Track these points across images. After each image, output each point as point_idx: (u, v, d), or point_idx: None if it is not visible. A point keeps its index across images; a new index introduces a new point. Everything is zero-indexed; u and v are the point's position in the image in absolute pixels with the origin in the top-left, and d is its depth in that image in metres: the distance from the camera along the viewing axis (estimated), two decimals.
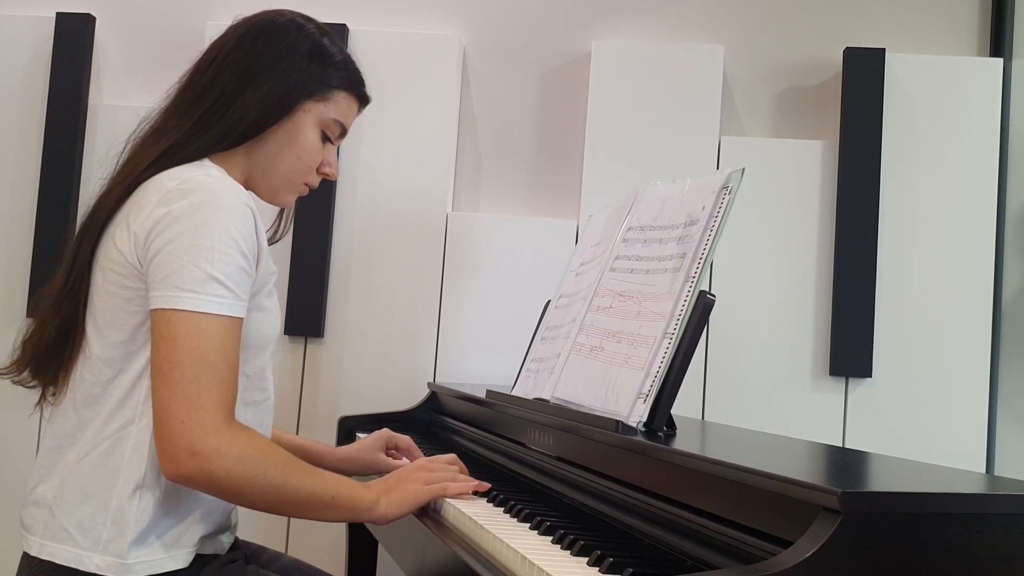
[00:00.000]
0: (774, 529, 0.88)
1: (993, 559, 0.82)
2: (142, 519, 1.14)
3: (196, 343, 1.10)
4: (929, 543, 0.81)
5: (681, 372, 1.24)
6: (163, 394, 1.09)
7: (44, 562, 1.15)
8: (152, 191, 1.17)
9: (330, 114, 1.32)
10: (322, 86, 1.31)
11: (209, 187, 1.15)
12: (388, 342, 2.41)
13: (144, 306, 1.15)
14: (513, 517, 1.21)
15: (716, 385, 2.35)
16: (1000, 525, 0.83)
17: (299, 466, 1.17)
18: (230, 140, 1.26)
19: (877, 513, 0.80)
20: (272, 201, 1.36)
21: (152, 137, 1.26)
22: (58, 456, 1.19)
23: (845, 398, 2.34)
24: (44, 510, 1.18)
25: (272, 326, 1.28)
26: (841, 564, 0.78)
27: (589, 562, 0.97)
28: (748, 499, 0.93)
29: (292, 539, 2.39)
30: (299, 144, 1.30)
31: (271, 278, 1.27)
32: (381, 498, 1.23)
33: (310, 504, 1.17)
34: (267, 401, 1.31)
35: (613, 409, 1.30)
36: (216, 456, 1.08)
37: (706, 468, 0.99)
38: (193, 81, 1.28)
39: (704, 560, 0.97)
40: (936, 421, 2.30)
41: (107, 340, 1.18)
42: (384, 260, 2.43)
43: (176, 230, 1.13)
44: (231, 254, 1.13)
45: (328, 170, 1.36)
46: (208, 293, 1.11)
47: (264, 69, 1.26)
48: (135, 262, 1.15)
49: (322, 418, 2.39)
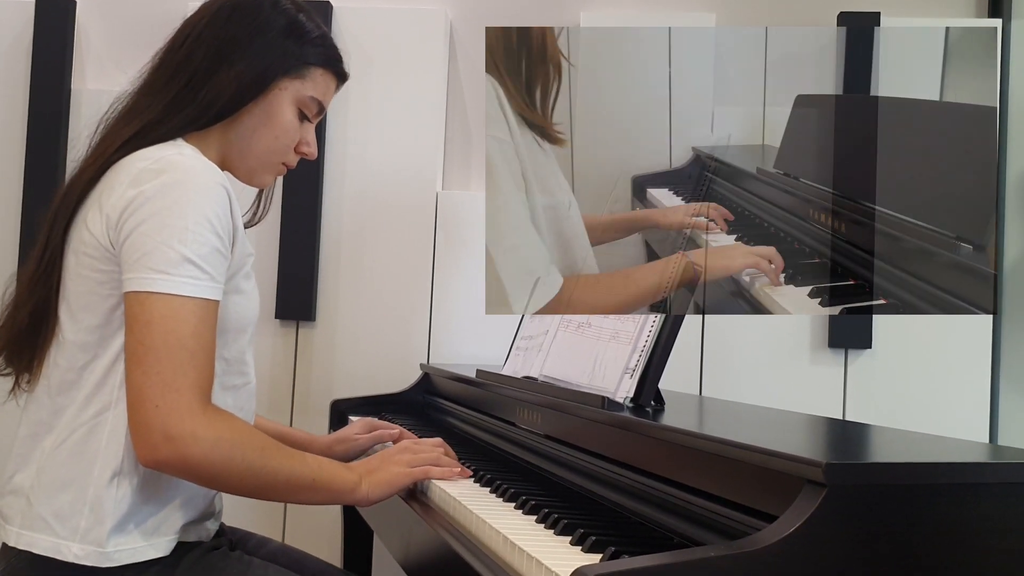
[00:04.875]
0: (761, 504, 0.86)
1: (986, 531, 0.80)
2: (120, 507, 1.12)
3: (171, 326, 1.07)
4: (919, 516, 0.78)
5: (668, 345, 1.22)
6: (137, 378, 1.07)
7: (22, 552, 1.13)
8: (124, 172, 1.15)
9: (307, 92, 1.29)
10: (298, 63, 1.27)
11: (182, 166, 1.13)
12: (380, 324, 2.38)
13: (118, 289, 1.13)
14: (499, 497, 1.18)
15: (713, 360, 2.32)
16: (993, 495, 0.80)
17: (279, 449, 1.15)
18: (204, 120, 1.23)
19: (864, 485, 0.77)
20: (249, 182, 1.32)
21: (125, 117, 1.23)
22: (34, 444, 1.17)
23: (845, 370, 2.31)
24: (22, 499, 1.15)
25: (251, 309, 1.26)
26: (826, 538, 0.75)
27: (572, 541, 0.94)
28: (734, 474, 0.90)
29: (288, 527, 2.37)
30: (275, 123, 1.27)
31: (248, 260, 1.25)
32: (363, 479, 1.21)
33: (291, 487, 1.15)
34: (248, 386, 1.28)
35: (600, 385, 1.27)
36: (192, 441, 1.06)
37: (690, 442, 0.97)
38: (166, 60, 1.25)
39: (690, 537, 0.94)
40: (938, 392, 2.27)
41: (81, 325, 1.15)
42: (374, 241, 2.40)
43: (148, 211, 1.10)
44: (205, 235, 1.11)
45: (306, 149, 1.33)
46: (183, 275, 1.09)
47: (238, 46, 1.23)
48: (107, 244, 1.13)
49: (316, 402, 2.37)
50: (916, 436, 1.10)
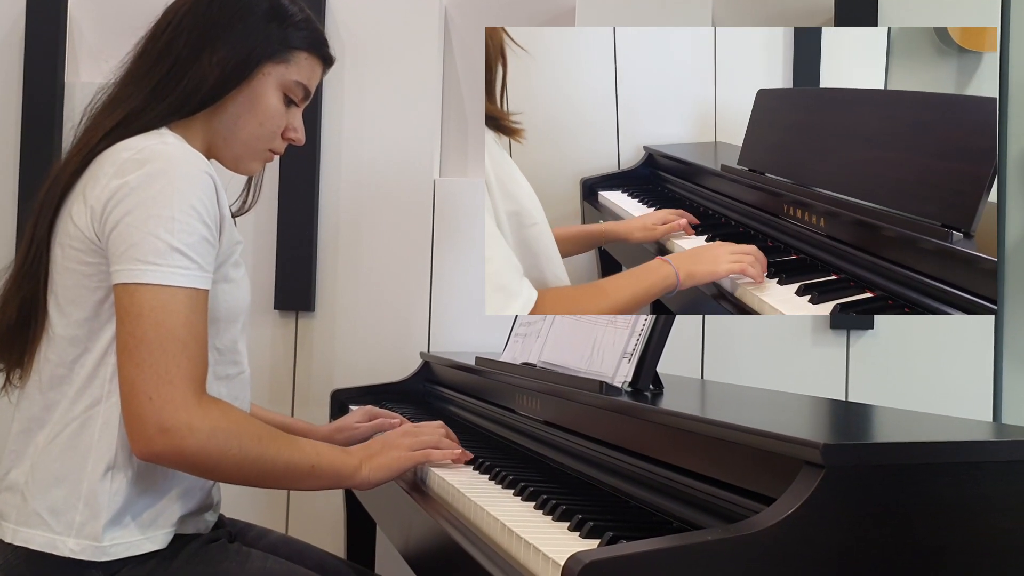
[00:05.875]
0: (759, 486, 0.85)
1: (987, 510, 0.79)
2: (115, 500, 1.11)
3: (161, 317, 1.06)
4: (919, 496, 0.77)
5: (665, 330, 1.21)
6: (130, 371, 1.06)
7: (18, 548, 1.12)
8: (108, 162, 1.13)
9: (292, 76, 1.27)
10: (282, 47, 1.26)
11: (166, 156, 1.11)
12: (379, 313, 2.37)
13: (105, 282, 1.12)
14: (498, 484, 1.18)
15: (715, 343, 2.30)
16: (994, 474, 0.79)
17: (275, 437, 1.14)
18: (188, 107, 1.21)
19: (862, 466, 0.76)
20: (236, 169, 1.31)
21: (108, 107, 1.22)
22: (28, 440, 1.16)
23: (847, 351, 2.29)
24: (17, 495, 1.15)
25: (241, 298, 1.25)
26: (825, 520, 0.74)
27: (570, 527, 0.93)
28: (732, 456, 0.89)
29: (291, 518, 2.37)
30: (260, 109, 1.25)
31: (237, 248, 1.23)
32: (363, 463, 1.20)
33: (290, 474, 1.14)
34: (241, 375, 1.27)
35: (598, 370, 1.26)
36: (187, 432, 1.05)
37: (687, 425, 0.96)
38: (148, 48, 1.24)
39: (689, 520, 0.93)
40: (941, 371, 2.25)
41: (69, 319, 1.14)
42: (372, 230, 2.38)
43: (133, 201, 1.09)
44: (192, 224, 1.09)
45: (293, 135, 1.31)
46: (171, 265, 1.07)
47: (221, 32, 1.22)
48: (93, 236, 1.12)
49: (316, 392, 2.36)
50: (916, 416, 1.09)
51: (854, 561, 0.75)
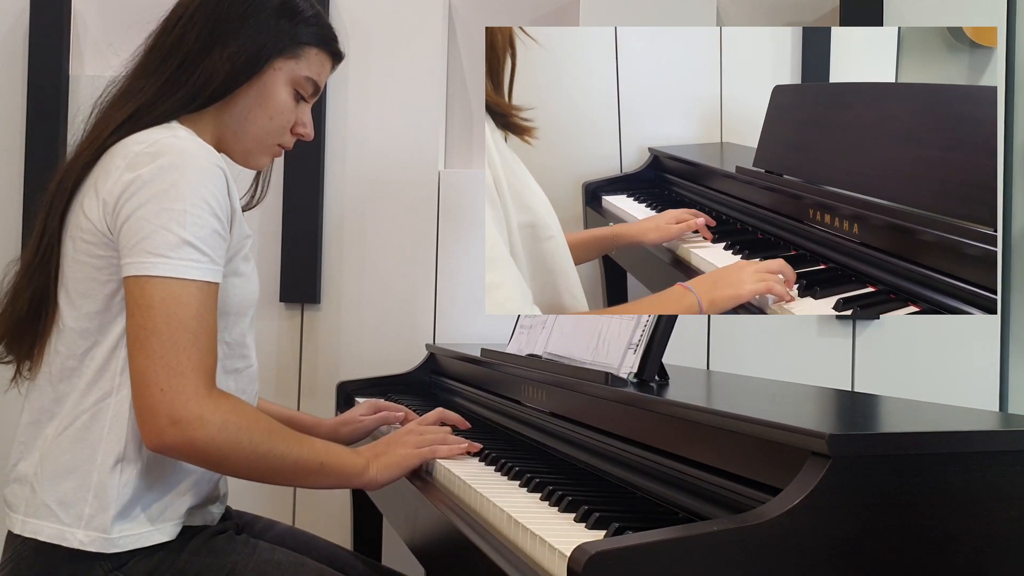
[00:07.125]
0: (765, 477, 0.85)
1: (994, 499, 0.79)
2: (125, 492, 1.12)
3: (173, 309, 1.07)
4: (926, 485, 0.77)
5: (671, 320, 1.21)
6: (141, 363, 1.06)
7: (27, 539, 1.13)
8: (119, 155, 1.14)
9: (302, 72, 1.28)
10: (292, 43, 1.26)
11: (178, 149, 1.12)
12: (385, 305, 2.37)
13: (116, 275, 1.12)
14: (504, 475, 1.18)
15: (721, 334, 2.30)
16: (1000, 464, 0.79)
17: (285, 433, 1.14)
18: (199, 101, 1.22)
19: (869, 456, 0.76)
20: (245, 164, 1.31)
21: (119, 101, 1.22)
22: (37, 432, 1.17)
23: (853, 341, 2.29)
24: (26, 487, 1.16)
25: (251, 292, 1.25)
26: (831, 510, 0.74)
27: (576, 518, 0.94)
28: (738, 447, 0.89)
29: (299, 510, 2.38)
30: (270, 104, 1.26)
31: (247, 242, 1.24)
32: (371, 463, 1.21)
33: (298, 471, 1.15)
34: (249, 369, 1.28)
35: (604, 361, 1.26)
36: (199, 424, 1.05)
37: (693, 416, 0.96)
38: (159, 42, 1.24)
39: (696, 511, 0.94)
40: (947, 361, 2.25)
41: (80, 311, 1.15)
42: (377, 222, 2.38)
43: (146, 194, 1.09)
44: (204, 217, 1.10)
45: (302, 130, 1.31)
46: (182, 258, 1.08)
47: (231, 27, 1.22)
48: (104, 229, 1.12)
49: (322, 384, 2.37)
50: (922, 405, 1.09)
51: (860, 551, 0.75)
